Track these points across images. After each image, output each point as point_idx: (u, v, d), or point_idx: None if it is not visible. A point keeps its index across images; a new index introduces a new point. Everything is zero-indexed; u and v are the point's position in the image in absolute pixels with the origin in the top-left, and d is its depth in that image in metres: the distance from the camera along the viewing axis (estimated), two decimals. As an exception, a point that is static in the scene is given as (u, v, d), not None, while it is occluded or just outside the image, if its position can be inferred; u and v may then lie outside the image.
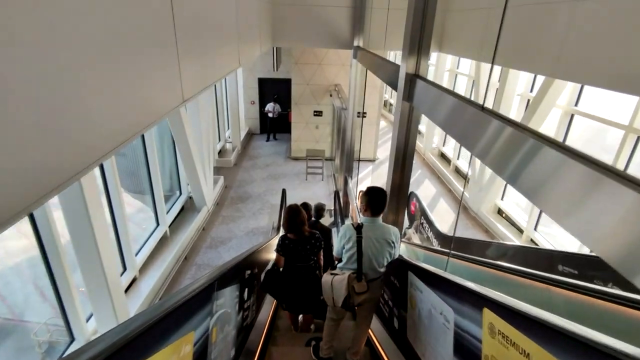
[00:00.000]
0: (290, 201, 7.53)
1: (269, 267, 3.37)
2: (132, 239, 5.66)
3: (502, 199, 8.23)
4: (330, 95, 11.18)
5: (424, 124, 12.30)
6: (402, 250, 4.13)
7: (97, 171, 4.59)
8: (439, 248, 5.28)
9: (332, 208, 8.79)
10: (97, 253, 3.77)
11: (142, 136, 6.24)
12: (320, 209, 5.22)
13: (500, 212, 8.21)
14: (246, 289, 2.73)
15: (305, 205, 4.63)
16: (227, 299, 2.10)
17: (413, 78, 3.04)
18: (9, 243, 4.31)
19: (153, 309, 1.25)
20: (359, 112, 8.26)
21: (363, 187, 8.37)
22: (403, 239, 4.09)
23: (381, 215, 2.76)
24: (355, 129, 8.21)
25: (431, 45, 3.05)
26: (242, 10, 4.10)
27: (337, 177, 10.24)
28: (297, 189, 9.90)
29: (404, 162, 3.44)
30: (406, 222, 7.98)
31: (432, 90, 2.54)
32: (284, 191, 7.75)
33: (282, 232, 3.60)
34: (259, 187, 9.93)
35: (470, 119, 1.88)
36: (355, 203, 7.42)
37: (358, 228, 2.64)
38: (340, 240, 2.79)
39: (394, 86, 3.44)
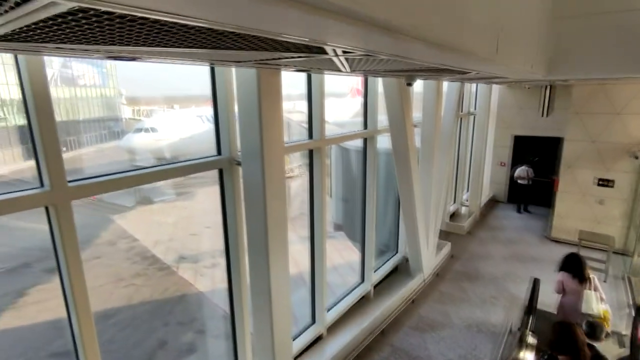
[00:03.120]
0: (542, 298, 5.03)
1: None
2: (332, 289, 5.03)
3: None
4: (636, 158, 7.52)
5: None
6: None
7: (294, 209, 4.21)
8: None
9: (625, 332, 5.29)
10: (269, 313, 3.13)
11: (365, 180, 5.71)
12: (595, 327, 3.94)
13: None
14: None
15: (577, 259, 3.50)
16: None
17: None
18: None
19: None
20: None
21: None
22: None
23: None
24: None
25: None
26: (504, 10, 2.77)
27: (638, 283, 6.39)
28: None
29: None
30: None
31: None
32: (535, 282, 5.26)
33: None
34: (496, 268, 7.52)
35: None
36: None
37: None
38: None
39: None
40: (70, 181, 1.91)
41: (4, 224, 14.59)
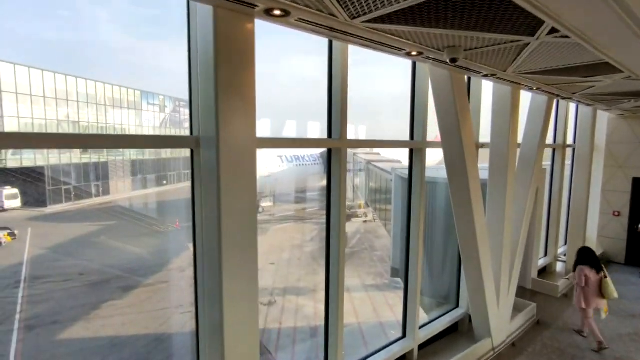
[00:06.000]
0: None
1: None
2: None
3: None
4: None
5: None
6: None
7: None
8: None
9: None
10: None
11: (409, 206, 4.76)
12: None
13: None
14: None
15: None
16: None
17: None
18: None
19: None
20: None
21: None
22: None
23: None
24: None
25: None
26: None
27: None
28: None
29: None
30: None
31: None
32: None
33: None
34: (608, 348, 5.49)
35: None
36: None
37: None
38: None
39: None
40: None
41: (100, 241, 16.39)
